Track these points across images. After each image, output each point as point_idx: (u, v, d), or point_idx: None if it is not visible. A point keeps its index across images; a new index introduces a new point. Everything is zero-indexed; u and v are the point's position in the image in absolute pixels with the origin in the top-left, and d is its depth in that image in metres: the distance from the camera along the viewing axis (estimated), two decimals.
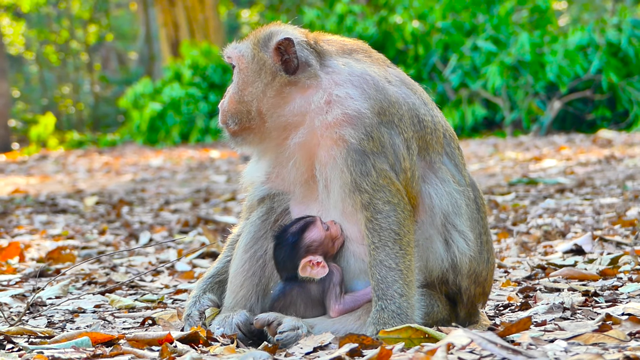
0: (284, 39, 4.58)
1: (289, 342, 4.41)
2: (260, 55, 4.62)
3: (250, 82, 4.63)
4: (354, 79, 4.56)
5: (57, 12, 46.87)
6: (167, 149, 26.56)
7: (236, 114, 4.68)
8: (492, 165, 16.31)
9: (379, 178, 4.45)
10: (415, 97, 4.67)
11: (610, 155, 15.88)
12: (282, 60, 4.58)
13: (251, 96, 4.63)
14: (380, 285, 4.43)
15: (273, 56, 4.60)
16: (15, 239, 9.52)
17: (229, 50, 4.72)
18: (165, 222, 10.97)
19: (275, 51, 4.59)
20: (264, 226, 4.80)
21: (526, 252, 7.36)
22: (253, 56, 4.63)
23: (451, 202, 4.62)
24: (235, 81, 4.69)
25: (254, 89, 4.62)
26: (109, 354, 4.22)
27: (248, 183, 4.90)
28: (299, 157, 4.60)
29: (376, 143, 4.46)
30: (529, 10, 25.35)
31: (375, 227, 4.45)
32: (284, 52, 4.58)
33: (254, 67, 4.63)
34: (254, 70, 4.63)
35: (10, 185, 17.90)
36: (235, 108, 4.68)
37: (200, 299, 4.86)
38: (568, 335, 4.12)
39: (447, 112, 23.08)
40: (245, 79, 4.65)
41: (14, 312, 5.71)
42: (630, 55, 22.66)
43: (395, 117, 4.52)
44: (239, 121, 4.68)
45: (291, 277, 4.66)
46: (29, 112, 44.51)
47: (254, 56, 4.63)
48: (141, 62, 45.06)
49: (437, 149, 4.65)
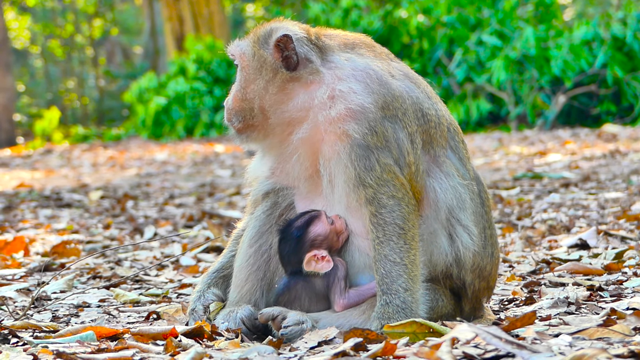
0: (283, 35, 4.57)
1: (293, 337, 4.42)
2: (260, 52, 4.61)
3: (252, 79, 4.63)
4: (357, 74, 4.55)
5: (62, 6, 46.89)
6: (171, 143, 26.57)
7: (240, 111, 4.68)
8: (497, 159, 16.30)
9: (383, 172, 4.45)
10: (418, 91, 4.66)
11: (615, 149, 15.86)
12: (282, 56, 4.58)
13: (253, 93, 4.63)
14: (385, 280, 4.43)
15: (273, 53, 4.59)
16: (20, 233, 9.53)
17: (231, 48, 4.72)
18: (170, 217, 10.97)
19: (275, 48, 4.59)
20: (268, 221, 4.80)
21: (531, 247, 7.35)
22: (254, 54, 4.63)
23: (455, 196, 4.61)
24: (238, 79, 4.69)
25: (256, 86, 4.62)
26: (113, 348, 4.22)
27: (252, 178, 4.90)
28: (303, 152, 4.59)
29: (380, 137, 4.45)
30: (534, 4, 25.31)
31: (380, 221, 4.45)
32: (284, 48, 4.57)
33: (255, 65, 4.63)
34: (255, 67, 4.63)
35: (15, 179, 17.91)
36: (239, 106, 4.68)
37: (204, 293, 4.86)
38: (573, 329, 4.12)
39: (452, 107, 23.06)
40: (247, 77, 4.65)
41: (18, 307, 5.71)
42: (635, 49, 22.62)
43: (399, 112, 4.52)
44: (243, 119, 4.68)
45: (296, 272, 4.67)
46: (34, 107, 44.54)
47: (254, 54, 4.63)
48: (146, 56, 45.07)
49: (441, 142, 4.64)
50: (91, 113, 45.01)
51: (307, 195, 4.73)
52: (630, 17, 22.90)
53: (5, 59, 31.01)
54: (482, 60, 23.90)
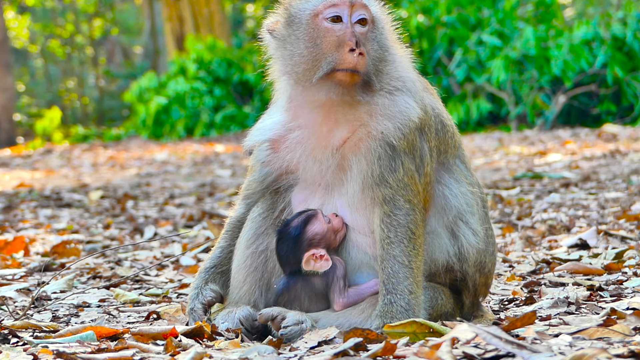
0: None
1: (293, 337, 4.42)
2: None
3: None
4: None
5: (62, 5, 46.86)
6: (171, 143, 26.57)
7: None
8: (497, 159, 16.30)
9: (405, 176, 4.53)
10: (435, 100, 4.82)
11: (615, 149, 15.86)
12: None
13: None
14: (391, 280, 4.47)
15: None
16: (20, 233, 9.53)
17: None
18: (170, 217, 10.97)
19: None
20: (264, 222, 4.82)
21: (531, 247, 7.36)
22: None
23: (466, 201, 4.74)
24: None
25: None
26: (113, 348, 4.22)
27: (257, 140, 4.83)
28: (335, 127, 4.59)
29: (409, 144, 4.54)
30: (534, 4, 25.30)
31: (393, 222, 4.50)
32: None
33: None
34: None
35: (15, 179, 17.92)
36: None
37: (202, 290, 4.85)
38: (573, 329, 4.12)
39: (452, 107, 23.06)
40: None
41: (18, 307, 5.71)
42: (635, 49, 22.61)
43: (425, 126, 4.64)
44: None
45: (295, 271, 4.67)
46: (34, 106, 44.52)
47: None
48: (146, 56, 45.08)
49: (453, 152, 4.80)
50: (91, 113, 44.99)
51: (307, 186, 4.72)
52: (630, 17, 22.88)
53: (5, 58, 31.03)
54: (482, 60, 23.89)
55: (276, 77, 4.76)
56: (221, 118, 28.26)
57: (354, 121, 4.56)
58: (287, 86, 4.69)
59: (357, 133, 4.55)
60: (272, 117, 4.78)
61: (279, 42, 4.64)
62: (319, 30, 4.53)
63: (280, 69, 4.68)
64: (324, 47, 4.51)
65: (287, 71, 4.63)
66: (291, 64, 4.59)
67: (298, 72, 4.57)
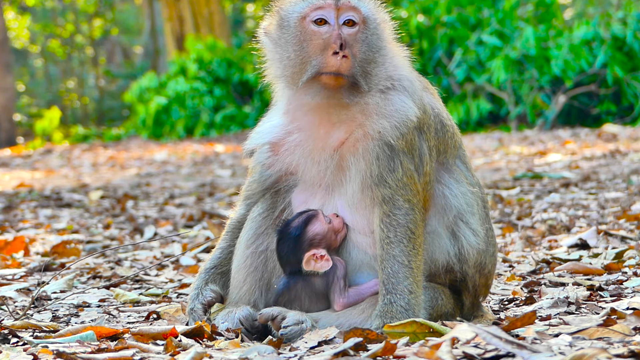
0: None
1: (293, 337, 4.42)
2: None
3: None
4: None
5: (62, 5, 46.86)
6: (171, 143, 26.57)
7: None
8: (497, 159, 16.30)
9: (404, 176, 4.53)
10: (435, 100, 4.81)
11: (615, 149, 15.86)
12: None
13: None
14: (391, 280, 4.47)
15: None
16: (20, 233, 9.53)
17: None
18: (170, 217, 10.97)
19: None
20: (264, 222, 4.82)
21: (531, 247, 7.35)
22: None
23: (466, 201, 4.73)
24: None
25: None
26: (113, 348, 4.22)
27: (257, 143, 4.83)
28: (333, 129, 4.59)
29: (408, 144, 4.54)
30: (534, 4, 25.29)
31: (393, 222, 4.50)
32: None
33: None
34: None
35: (15, 179, 17.92)
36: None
37: (202, 290, 4.85)
38: (573, 329, 4.12)
39: (452, 107, 23.06)
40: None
41: (18, 306, 5.71)
42: (635, 49, 22.60)
43: (424, 125, 4.63)
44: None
45: (295, 272, 4.67)
46: (34, 106, 44.53)
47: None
48: (146, 56, 45.08)
49: (453, 152, 4.79)
50: (91, 113, 45.00)
51: (307, 187, 4.72)
52: (630, 17, 22.88)
53: (5, 58, 31.03)
54: (482, 60, 23.89)
55: (273, 80, 4.77)
56: (221, 118, 28.26)
57: (350, 122, 4.56)
58: (285, 89, 4.70)
59: (354, 134, 4.55)
60: (271, 120, 4.79)
61: (273, 45, 4.65)
62: (306, 33, 4.53)
63: (275, 72, 4.69)
64: (309, 50, 4.51)
65: (279, 74, 4.64)
66: (281, 67, 4.61)
67: (287, 76, 4.59)
